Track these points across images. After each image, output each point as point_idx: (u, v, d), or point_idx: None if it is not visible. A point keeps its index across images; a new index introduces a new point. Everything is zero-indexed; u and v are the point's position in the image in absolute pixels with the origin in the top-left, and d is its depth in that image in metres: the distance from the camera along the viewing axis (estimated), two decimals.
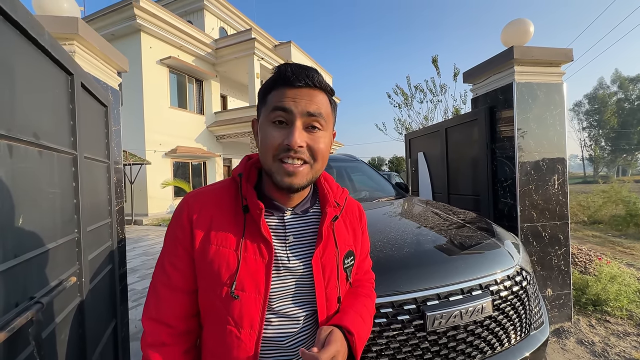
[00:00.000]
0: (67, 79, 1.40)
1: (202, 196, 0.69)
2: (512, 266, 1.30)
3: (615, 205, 7.61)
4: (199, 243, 0.64)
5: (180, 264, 0.66)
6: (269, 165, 0.62)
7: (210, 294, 0.63)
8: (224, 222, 0.66)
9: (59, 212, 1.27)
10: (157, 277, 0.67)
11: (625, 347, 2.26)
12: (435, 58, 9.74)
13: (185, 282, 0.66)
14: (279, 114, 0.60)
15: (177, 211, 0.68)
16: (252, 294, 0.62)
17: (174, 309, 0.66)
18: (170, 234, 0.68)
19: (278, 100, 0.60)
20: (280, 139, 0.60)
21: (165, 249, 0.68)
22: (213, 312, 0.64)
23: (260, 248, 0.65)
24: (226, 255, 0.63)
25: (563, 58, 2.53)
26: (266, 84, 0.65)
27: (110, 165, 2.04)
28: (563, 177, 2.58)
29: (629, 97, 37.83)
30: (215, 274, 0.62)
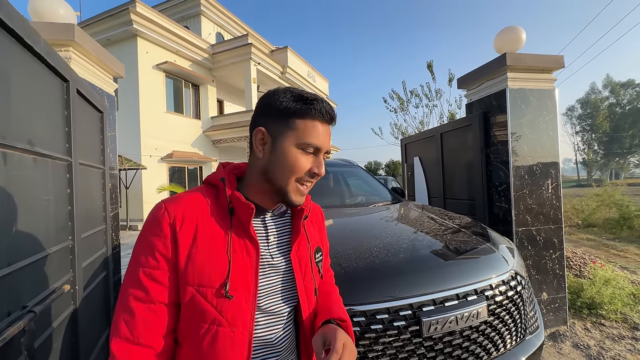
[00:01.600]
0: (63, 85, 1.40)
1: (182, 203, 0.67)
2: (506, 271, 1.31)
3: (609, 208, 7.70)
4: (185, 251, 0.63)
5: (162, 276, 0.62)
6: (287, 183, 0.69)
7: (200, 299, 0.62)
8: (210, 226, 0.66)
9: (52, 219, 1.26)
10: (129, 293, 0.61)
11: (620, 351, 2.28)
12: (430, 63, 9.84)
13: (168, 295, 0.63)
14: (312, 148, 0.68)
15: (154, 221, 0.64)
16: (243, 294, 0.65)
17: (153, 325, 0.61)
18: (145, 245, 0.63)
19: (314, 136, 0.67)
20: (309, 166, 0.68)
21: (140, 262, 0.62)
22: (202, 317, 0.63)
23: (247, 248, 0.68)
24: (216, 258, 0.65)
25: (554, 65, 2.58)
26: (293, 107, 0.66)
27: (105, 171, 2.03)
28: (556, 181, 2.61)
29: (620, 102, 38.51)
30: (207, 278, 0.63)
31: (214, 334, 0.62)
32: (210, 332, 0.62)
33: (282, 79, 14.84)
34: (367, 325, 1.05)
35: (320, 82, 18.32)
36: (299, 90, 0.70)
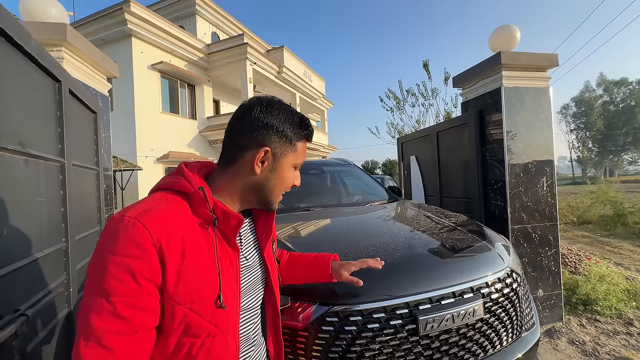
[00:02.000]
0: (55, 85, 1.38)
1: (162, 219, 0.59)
2: (502, 268, 1.31)
3: (603, 205, 7.77)
4: (174, 271, 0.58)
5: (147, 302, 0.55)
6: (276, 196, 0.75)
7: (194, 317, 0.60)
8: (195, 241, 0.63)
9: (45, 221, 1.25)
10: (103, 331, 0.51)
11: (615, 346, 2.30)
12: (426, 62, 9.87)
13: (154, 319, 0.57)
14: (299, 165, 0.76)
15: (128, 241, 0.55)
16: (232, 301, 0.67)
17: (136, 356, 0.55)
18: (117, 269, 0.53)
19: (303, 155, 0.76)
20: (294, 180, 0.76)
21: (112, 290, 0.52)
22: (196, 333, 0.60)
23: (229, 256, 0.69)
24: (205, 272, 0.62)
25: (549, 63, 2.60)
26: (300, 132, 0.73)
27: (99, 172, 2.01)
28: (551, 179, 2.63)
29: (614, 100, 38.92)
30: (199, 294, 0.60)
31: (209, 345, 0.62)
32: (205, 345, 0.61)
33: (278, 78, 14.81)
34: (363, 325, 1.05)
35: (317, 82, 18.31)
36: (294, 111, 0.74)
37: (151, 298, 0.56)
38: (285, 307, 1.10)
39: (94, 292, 0.53)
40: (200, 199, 0.66)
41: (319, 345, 1.04)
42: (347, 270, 0.96)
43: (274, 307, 0.85)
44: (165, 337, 0.59)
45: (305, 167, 3.04)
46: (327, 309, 1.06)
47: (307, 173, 2.90)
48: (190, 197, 0.66)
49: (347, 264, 0.97)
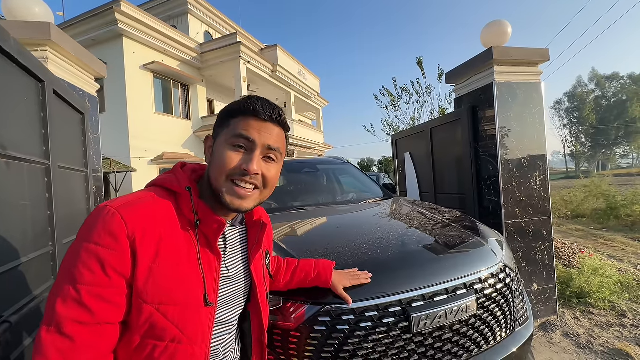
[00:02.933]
0: (38, 86, 1.35)
1: (141, 212, 0.59)
2: (495, 264, 1.31)
3: (596, 199, 7.86)
4: (145, 267, 0.57)
5: (113, 295, 0.54)
6: (220, 184, 0.66)
7: (160, 318, 0.58)
8: (173, 240, 0.61)
9: (30, 224, 1.22)
10: (65, 317, 0.50)
11: (608, 338, 2.32)
12: (420, 59, 9.88)
13: (117, 315, 0.56)
14: (242, 141, 0.66)
15: (104, 230, 0.54)
16: (205, 308, 0.65)
17: (97, 349, 0.53)
18: (89, 257, 0.53)
19: (244, 128, 0.65)
20: (238, 163, 0.65)
21: (81, 277, 0.52)
22: (160, 336, 0.58)
23: (210, 262, 0.67)
24: (179, 274, 0.60)
25: (540, 58, 2.60)
26: (232, 109, 0.69)
27: (88, 174, 1.98)
28: (544, 173, 2.64)
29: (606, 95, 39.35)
30: (168, 295, 0.58)
31: (173, 352, 0.59)
32: (168, 351, 0.59)
33: (272, 77, 14.74)
34: (356, 323, 1.03)
35: (312, 80, 18.26)
36: (250, 95, 0.72)
37: (118, 292, 0.55)
38: (276, 307, 1.09)
39: (64, 278, 0.53)
40: (186, 199, 0.66)
41: (311, 345, 1.02)
42: (343, 285, 1.06)
43: (259, 323, 0.81)
44: (130, 333, 0.58)
45: (299, 165, 3.03)
46: (319, 309, 1.05)
47: (300, 172, 2.88)
48: (178, 196, 0.67)
49: (342, 280, 1.07)
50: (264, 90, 15.99)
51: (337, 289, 1.04)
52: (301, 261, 1.09)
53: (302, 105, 19.05)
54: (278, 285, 1.05)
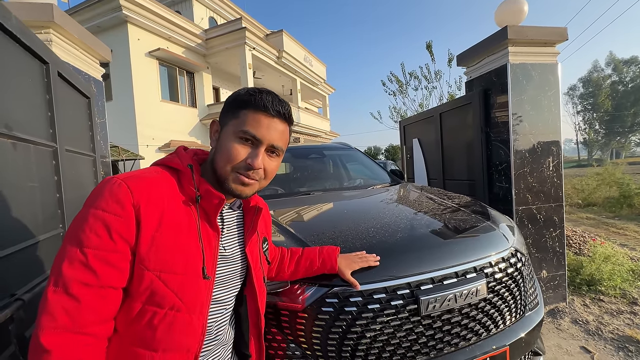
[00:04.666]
0: (42, 67, 1.34)
1: (146, 183, 0.62)
2: (506, 248, 1.28)
3: (609, 187, 7.68)
4: (148, 235, 0.59)
5: (118, 260, 0.57)
6: (226, 173, 0.69)
7: (160, 285, 0.60)
8: (175, 212, 0.65)
9: (40, 207, 1.23)
10: (72, 278, 0.53)
11: (618, 325, 2.29)
12: (429, 44, 9.60)
13: (122, 279, 0.58)
14: (250, 137, 0.68)
15: (111, 197, 0.57)
16: (204, 281, 0.67)
17: (100, 312, 0.55)
18: (96, 222, 0.56)
19: (252, 125, 0.68)
20: (244, 157, 0.68)
21: (88, 241, 0.55)
22: (160, 303, 0.60)
23: (209, 237, 0.69)
24: (180, 245, 0.63)
25: (558, 37, 2.48)
26: (242, 100, 0.70)
27: (96, 159, 1.99)
28: (558, 159, 2.56)
29: (623, 80, 37.85)
30: (169, 264, 0.61)
31: (172, 319, 0.61)
32: (167, 318, 0.61)
33: (278, 64, 14.54)
34: (364, 305, 1.03)
35: (318, 67, 17.96)
36: (259, 87, 0.72)
37: (122, 257, 0.58)
38: (284, 288, 1.09)
39: (71, 241, 0.56)
40: (187, 176, 0.70)
41: (319, 327, 1.02)
42: (350, 268, 1.05)
43: (256, 308, 0.83)
44: (131, 300, 0.60)
45: (306, 151, 3.00)
46: (327, 290, 1.04)
47: (307, 157, 2.85)
48: (180, 173, 0.70)
49: (350, 263, 1.06)
50: (269, 77, 15.81)
51: (345, 274, 1.03)
52: (305, 250, 1.09)
53: (308, 92, 18.82)
54: (283, 276, 1.06)
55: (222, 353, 0.78)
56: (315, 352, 1.03)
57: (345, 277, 1.03)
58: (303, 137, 16.54)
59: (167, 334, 0.60)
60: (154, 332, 0.60)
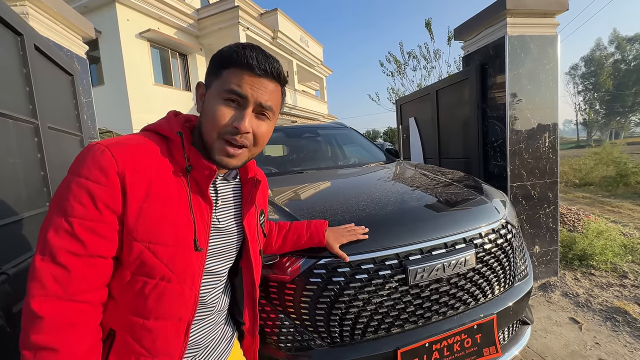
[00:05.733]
0: (16, 39, 1.28)
1: (131, 150, 0.59)
2: (497, 219, 1.27)
3: (606, 166, 7.68)
4: (136, 205, 0.57)
5: (105, 229, 0.56)
6: (212, 140, 0.65)
7: (150, 256, 0.59)
8: (164, 182, 0.62)
9: (23, 183, 1.21)
10: (59, 247, 0.52)
11: (607, 297, 2.34)
12: (428, 21, 9.32)
13: (110, 249, 0.57)
14: (234, 96, 0.63)
15: (94, 165, 0.55)
16: (195, 252, 0.65)
17: (91, 280, 0.55)
18: (80, 191, 0.54)
19: (236, 83, 0.62)
20: (230, 120, 0.63)
21: (73, 211, 0.53)
22: (150, 274, 0.59)
23: (201, 208, 0.67)
24: (169, 215, 0.61)
25: (558, 7, 2.40)
26: (224, 56, 0.64)
27: (83, 139, 1.95)
28: (554, 134, 2.53)
29: (626, 58, 37.13)
30: (158, 235, 0.59)
31: (162, 289, 0.60)
32: (158, 288, 0.60)
33: (273, 44, 14.15)
34: (352, 276, 1.03)
35: (314, 47, 17.50)
36: (245, 43, 0.65)
37: (110, 227, 0.56)
38: (273, 261, 1.08)
39: (56, 210, 0.54)
40: (177, 145, 0.66)
41: (307, 297, 1.03)
42: (338, 242, 1.04)
43: (251, 279, 0.82)
44: (122, 269, 0.60)
45: (300, 130, 2.96)
46: (315, 261, 1.04)
47: (301, 136, 2.81)
48: (170, 141, 0.67)
49: (338, 237, 1.05)
50: None
51: (333, 248, 1.03)
52: (293, 224, 1.07)
53: (305, 74, 18.43)
54: (271, 250, 1.04)
55: (217, 319, 0.78)
56: (304, 322, 1.04)
57: (333, 251, 1.03)
58: (301, 120, 16.34)
59: (158, 303, 0.60)
60: (145, 300, 0.59)
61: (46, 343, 0.50)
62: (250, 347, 0.89)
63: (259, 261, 0.86)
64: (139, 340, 0.60)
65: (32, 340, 0.50)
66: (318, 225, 1.06)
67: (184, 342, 0.65)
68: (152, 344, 0.60)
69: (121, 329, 0.60)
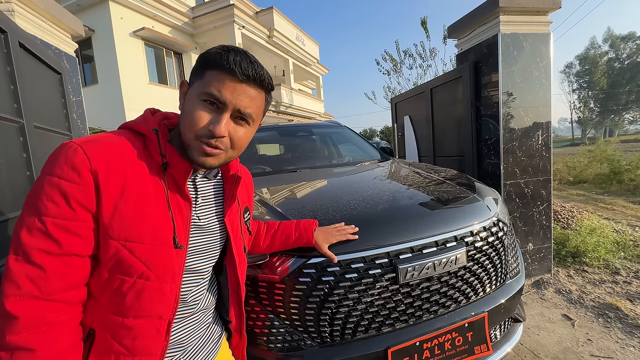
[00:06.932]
0: (0, 37, 1.25)
1: (105, 148, 0.58)
2: (488, 217, 1.27)
3: (600, 164, 7.75)
4: (110, 204, 0.57)
5: (79, 228, 0.55)
6: (189, 140, 0.64)
7: (126, 254, 0.58)
8: (139, 180, 0.61)
9: (7, 184, 1.18)
10: (32, 247, 0.51)
11: (600, 294, 2.36)
12: (424, 20, 9.32)
13: (86, 248, 0.56)
14: (213, 100, 0.62)
15: (67, 164, 0.54)
16: (175, 250, 0.64)
17: (67, 278, 0.54)
18: (53, 191, 0.53)
19: (216, 88, 0.61)
20: (207, 122, 0.62)
21: (46, 210, 0.53)
22: (127, 272, 0.58)
23: (180, 206, 0.66)
24: (147, 213, 0.60)
25: (550, 5, 2.40)
26: (209, 57, 0.63)
27: (72, 139, 1.91)
28: (547, 132, 2.54)
29: (620, 57, 37.48)
30: (135, 233, 0.59)
31: (141, 287, 0.59)
32: (136, 286, 0.59)
33: (269, 43, 14.08)
34: (342, 275, 1.02)
35: (310, 46, 17.45)
36: (231, 46, 0.64)
37: (84, 225, 0.56)
38: (263, 261, 1.07)
39: (29, 209, 0.54)
40: (153, 142, 0.65)
41: (297, 297, 1.02)
42: (328, 242, 1.03)
43: (235, 277, 0.82)
44: (100, 267, 0.59)
45: (294, 129, 2.94)
46: (304, 261, 1.03)
47: (295, 135, 2.80)
48: (146, 139, 0.66)
49: (327, 237, 1.04)
50: (260, 58, 15.20)
51: (322, 248, 1.02)
52: (282, 223, 1.06)
53: (301, 73, 18.37)
54: (259, 249, 1.03)
55: (202, 317, 0.77)
56: (295, 322, 1.04)
57: (322, 251, 1.02)
58: (297, 119, 16.30)
59: (136, 301, 0.59)
60: (123, 299, 0.59)
61: (22, 343, 0.50)
62: (238, 345, 0.88)
63: (243, 258, 0.85)
64: (118, 339, 0.59)
65: (7, 341, 0.49)
66: (307, 225, 1.04)
67: (165, 341, 0.64)
68: (132, 342, 0.60)
69: (101, 328, 0.60)
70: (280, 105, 14.67)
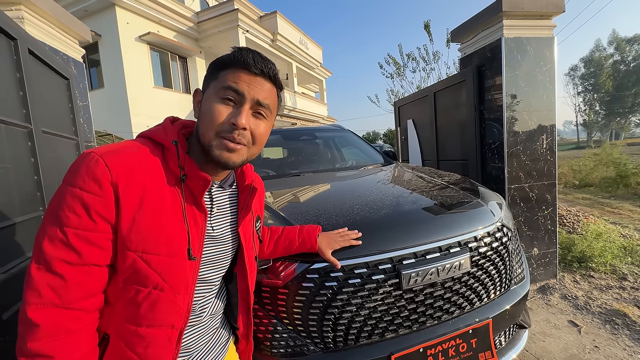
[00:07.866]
0: (10, 44, 1.28)
1: (126, 159, 0.59)
2: (492, 222, 1.27)
3: (606, 167, 7.66)
4: (130, 215, 0.57)
5: (99, 239, 0.56)
6: (209, 139, 0.64)
7: (143, 265, 0.59)
8: (158, 192, 0.61)
9: (15, 188, 1.20)
10: (54, 257, 0.52)
11: (607, 300, 2.33)
12: (427, 23, 9.35)
13: (104, 258, 0.57)
14: (231, 93, 0.63)
15: (88, 175, 0.55)
16: (189, 262, 0.65)
17: (86, 287, 0.56)
18: (74, 201, 0.54)
19: (233, 80, 0.63)
20: (227, 117, 0.63)
21: (68, 220, 0.53)
22: (143, 282, 0.59)
23: (195, 218, 0.66)
24: (164, 225, 0.61)
25: (554, 9, 2.40)
26: (221, 60, 0.66)
27: (79, 143, 1.94)
28: (552, 136, 2.53)
29: (625, 59, 37.15)
30: (152, 245, 0.59)
31: (155, 298, 0.60)
32: (151, 297, 0.60)
33: (273, 47, 14.19)
34: (345, 280, 1.02)
35: (314, 50, 17.55)
36: (242, 46, 0.67)
37: (104, 236, 0.57)
38: (267, 266, 1.08)
39: (51, 219, 0.54)
40: (172, 153, 0.65)
41: (300, 302, 1.02)
42: (331, 248, 1.03)
43: (245, 285, 0.82)
44: (117, 276, 0.60)
45: (297, 133, 2.95)
46: (308, 266, 1.04)
47: (299, 139, 2.81)
48: (165, 150, 0.66)
49: (330, 242, 1.04)
50: None
51: (325, 254, 1.01)
52: (285, 229, 1.06)
53: (304, 76, 18.47)
54: (262, 255, 1.04)
55: (209, 322, 0.77)
56: (298, 327, 1.04)
57: (325, 257, 1.02)
58: (300, 122, 16.36)
59: (150, 311, 0.60)
60: (137, 308, 0.60)
61: (42, 350, 0.51)
62: (245, 350, 0.89)
63: (254, 267, 0.85)
64: (131, 346, 0.60)
65: (28, 348, 0.51)
66: (311, 231, 1.05)
67: (175, 349, 0.65)
68: (144, 350, 0.61)
69: (115, 334, 0.61)
70: (284, 109, 14.73)
